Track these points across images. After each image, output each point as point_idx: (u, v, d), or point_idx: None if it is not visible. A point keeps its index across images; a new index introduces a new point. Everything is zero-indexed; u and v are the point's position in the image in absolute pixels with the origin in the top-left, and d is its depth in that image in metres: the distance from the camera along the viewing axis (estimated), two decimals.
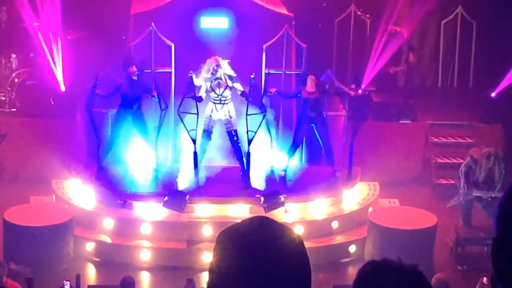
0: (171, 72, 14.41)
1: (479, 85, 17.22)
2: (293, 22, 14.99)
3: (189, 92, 13.46)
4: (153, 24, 14.19)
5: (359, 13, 17.75)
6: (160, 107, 13.81)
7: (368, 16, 17.65)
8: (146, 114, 14.09)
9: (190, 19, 14.62)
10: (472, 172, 13.77)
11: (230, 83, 13.66)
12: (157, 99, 13.80)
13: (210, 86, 13.70)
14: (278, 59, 14.57)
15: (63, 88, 14.93)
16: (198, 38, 14.60)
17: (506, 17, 16.65)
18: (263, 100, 13.75)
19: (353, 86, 15.32)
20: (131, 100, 13.86)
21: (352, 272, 13.28)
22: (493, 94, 16.25)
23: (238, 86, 13.65)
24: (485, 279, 10.50)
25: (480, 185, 13.69)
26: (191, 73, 13.50)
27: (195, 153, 13.70)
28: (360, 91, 15.38)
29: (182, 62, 14.25)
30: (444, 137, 16.60)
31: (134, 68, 13.75)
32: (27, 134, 15.63)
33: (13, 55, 16.64)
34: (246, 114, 13.42)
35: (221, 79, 13.64)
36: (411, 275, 2.56)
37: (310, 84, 13.98)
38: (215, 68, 13.54)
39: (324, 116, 14.43)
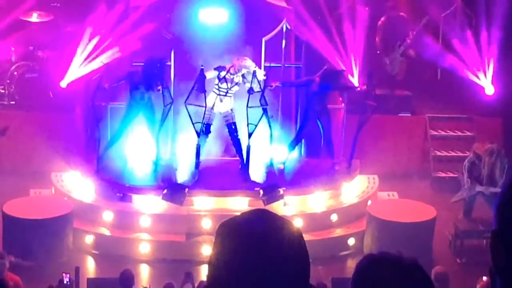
0: (170, 65, 14.38)
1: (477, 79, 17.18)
2: (293, 15, 14.96)
3: (198, 84, 13.31)
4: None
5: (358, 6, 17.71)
6: (164, 102, 13.70)
7: (367, 8, 17.62)
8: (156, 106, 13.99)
9: (189, 12, 14.58)
10: (475, 167, 13.77)
11: (240, 80, 13.57)
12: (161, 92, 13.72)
13: (224, 77, 13.56)
14: (277, 52, 14.55)
15: (64, 85, 14.89)
16: (197, 31, 14.56)
17: (506, 10, 16.61)
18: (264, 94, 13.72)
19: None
20: (143, 90, 13.76)
21: (351, 265, 13.29)
22: (489, 92, 16.20)
23: (247, 84, 13.53)
24: (484, 278, 10.48)
25: (483, 180, 13.70)
26: (202, 66, 13.39)
27: (198, 146, 13.67)
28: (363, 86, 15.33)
29: (182, 55, 14.25)
30: (443, 130, 16.59)
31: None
32: (26, 127, 15.61)
33: (12, 48, 16.61)
34: (247, 107, 13.38)
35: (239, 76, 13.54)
36: (410, 268, 2.57)
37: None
38: (246, 72, 13.44)
39: (329, 109, 14.46)
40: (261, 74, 13.58)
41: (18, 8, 16.42)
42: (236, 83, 13.60)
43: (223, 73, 13.49)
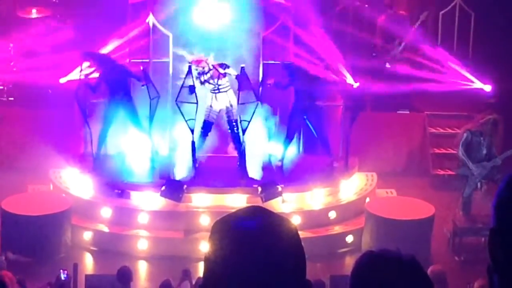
0: (168, 62, 14.37)
1: (477, 76, 17.18)
2: (291, 12, 14.95)
3: (187, 81, 13.36)
4: (151, 13, 14.18)
5: (357, 3, 17.73)
6: (149, 96, 13.72)
7: (366, 6, 17.63)
8: (137, 103, 14.01)
9: (187, 8, 14.56)
10: (473, 147, 13.69)
11: (222, 71, 13.59)
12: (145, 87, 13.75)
13: (204, 80, 13.63)
14: (275, 49, 14.54)
15: (62, 80, 14.89)
16: (195, 27, 14.54)
17: (505, 8, 16.62)
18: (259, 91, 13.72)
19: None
20: (117, 88, 13.85)
21: (350, 262, 13.29)
22: (489, 88, 16.21)
23: (231, 71, 13.57)
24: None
25: (484, 157, 13.67)
26: (190, 63, 13.44)
27: (193, 143, 13.68)
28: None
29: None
30: (442, 128, 16.59)
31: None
32: (25, 124, 15.60)
33: (11, 45, 16.60)
34: (238, 104, 13.40)
35: (210, 70, 13.56)
36: (409, 265, 2.57)
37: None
38: (203, 70, 13.50)
39: (319, 106, 14.41)
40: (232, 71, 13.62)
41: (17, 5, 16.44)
42: (218, 76, 13.61)
43: (199, 80, 13.54)
